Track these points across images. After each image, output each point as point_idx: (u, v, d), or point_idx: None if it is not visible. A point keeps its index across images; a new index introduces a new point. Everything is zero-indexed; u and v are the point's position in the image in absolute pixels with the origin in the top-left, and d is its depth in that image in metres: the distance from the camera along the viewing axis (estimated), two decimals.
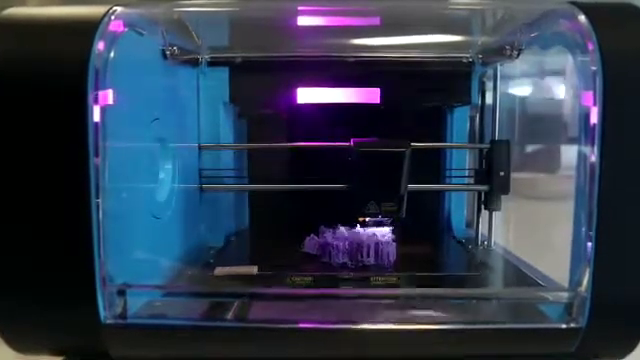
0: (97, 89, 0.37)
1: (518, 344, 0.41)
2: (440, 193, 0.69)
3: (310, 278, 0.50)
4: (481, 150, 0.63)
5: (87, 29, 0.38)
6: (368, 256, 0.57)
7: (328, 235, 0.59)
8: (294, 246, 0.60)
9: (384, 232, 0.59)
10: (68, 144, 0.37)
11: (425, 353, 0.41)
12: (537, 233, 0.59)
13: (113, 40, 0.39)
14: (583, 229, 0.39)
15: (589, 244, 0.39)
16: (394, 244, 0.58)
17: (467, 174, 0.66)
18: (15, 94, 0.38)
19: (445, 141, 0.68)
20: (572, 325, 0.40)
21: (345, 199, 0.57)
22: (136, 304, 0.41)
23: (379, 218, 0.57)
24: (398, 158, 0.55)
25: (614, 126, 0.38)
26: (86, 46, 0.38)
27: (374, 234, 0.59)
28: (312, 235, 0.61)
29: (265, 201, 0.68)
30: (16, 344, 0.41)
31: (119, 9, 0.41)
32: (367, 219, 0.59)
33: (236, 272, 0.52)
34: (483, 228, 0.64)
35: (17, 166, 0.38)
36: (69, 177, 0.37)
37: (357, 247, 0.57)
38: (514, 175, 0.59)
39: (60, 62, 0.38)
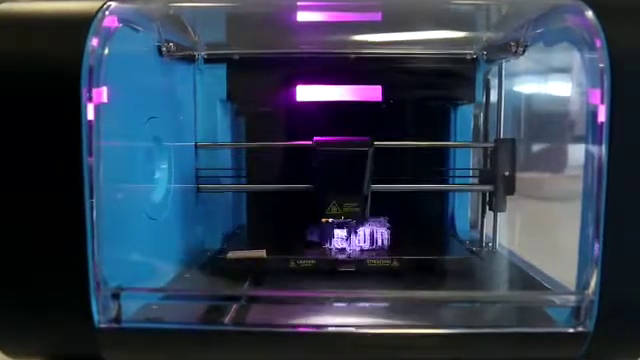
0: (91, 87, 0.37)
1: (524, 348, 0.41)
2: (443, 193, 0.69)
3: (313, 261, 0.55)
4: (485, 149, 0.62)
5: (80, 25, 0.38)
6: (364, 242, 0.59)
7: (328, 225, 0.60)
8: (294, 245, 0.60)
9: (381, 222, 0.61)
10: (61, 143, 0.37)
11: (428, 357, 0.41)
12: (543, 234, 0.58)
13: (107, 36, 0.39)
14: (590, 230, 0.38)
15: (597, 245, 0.38)
16: (388, 231, 0.60)
17: (471, 174, 0.65)
18: (6, 92, 0.37)
19: (448, 140, 0.67)
20: (580, 329, 0.39)
21: (310, 200, 0.58)
22: (131, 308, 0.41)
23: (342, 220, 0.58)
24: (360, 158, 0.55)
25: (622, 124, 0.37)
26: (79, 42, 0.37)
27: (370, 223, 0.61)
28: (314, 225, 0.62)
29: (264, 201, 0.67)
30: (8, 348, 0.41)
31: (113, 4, 0.40)
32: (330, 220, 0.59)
33: (247, 256, 0.55)
34: (488, 229, 0.64)
35: (8, 166, 0.37)
36: (62, 177, 0.37)
37: (355, 233, 0.59)
38: (519, 175, 0.59)
39: (53, 59, 0.37)
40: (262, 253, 0.55)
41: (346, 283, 0.53)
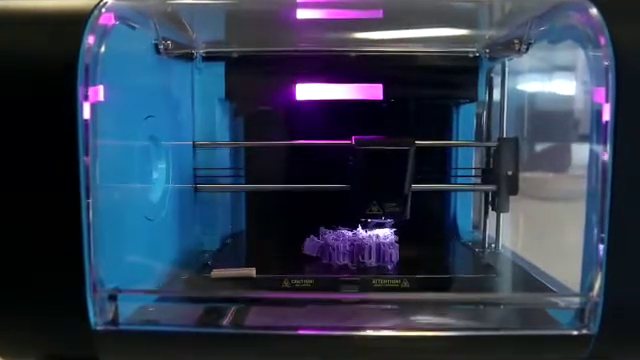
0: (87, 85, 0.37)
1: (527, 351, 0.40)
2: (445, 193, 0.68)
3: (311, 281, 0.50)
4: (488, 148, 0.62)
5: (76, 22, 0.38)
6: (370, 258, 0.56)
7: (328, 236, 0.58)
8: (293, 248, 0.59)
9: (386, 233, 0.59)
10: (57, 142, 0.37)
11: None
12: (547, 235, 0.58)
13: (104, 34, 0.39)
14: (595, 231, 0.38)
15: (601, 246, 0.38)
16: (396, 245, 0.57)
17: (474, 173, 0.65)
18: (1, 91, 0.37)
19: (451, 139, 0.67)
20: (584, 331, 0.39)
21: (347, 199, 0.57)
22: (128, 309, 0.41)
23: (382, 220, 0.57)
24: (402, 157, 0.54)
25: (627, 124, 0.37)
26: (75, 40, 0.37)
27: (376, 235, 0.58)
28: (312, 236, 0.60)
29: (263, 201, 0.67)
30: (4, 349, 0.41)
31: (110, 1, 0.40)
32: (369, 220, 0.58)
33: (234, 274, 0.51)
34: (490, 230, 0.63)
35: (3, 166, 0.37)
36: (58, 177, 0.37)
37: (358, 248, 0.56)
38: (522, 174, 0.58)
39: (49, 57, 0.37)
40: (251, 272, 0.50)
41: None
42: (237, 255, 0.64)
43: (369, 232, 0.58)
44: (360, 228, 0.59)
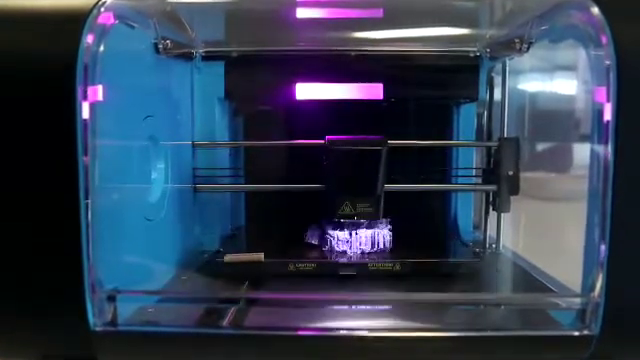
0: (86, 85, 0.37)
1: (528, 352, 0.40)
2: (446, 193, 0.68)
3: (313, 265, 0.54)
4: (489, 148, 0.61)
5: (75, 21, 0.38)
6: (366, 244, 0.58)
7: (328, 226, 0.59)
8: (293, 245, 0.60)
9: (382, 225, 0.60)
10: (56, 142, 0.36)
11: None
12: (548, 235, 0.57)
13: (103, 33, 0.39)
14: (596, 231, 0.38)
15: (602, 247, 0.37)
16: (390, 233, 0.59)
17: (474, 173, 0.64)
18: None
19: (451, 139, 0.66)
20: (585, 332, 0.39)
21: (321, 199, 0.57)
22: (127, 310, 0.41)
23: (355, 220, 0.57)
24: (375, 157, 0.55)
25: (628, 123, 0.37)
26: (74, 40, 0.37)
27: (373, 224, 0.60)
28: (314, 226, 0.61)
29: (262, 201, 0.67)
30: (2, 349, 0.41)
31: (109, 0, 0.40)
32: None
33: (244, 259, 0.54)
34: (491, 230, 0.63)
35: (2, 166, 0.37)
36: (57, 177, 0.37)
37: (356, 235, 0.58)
38: (523, 174, 0.58)
39: (47, 56, 0.37)
40: (260, 256, 0.54)
41: (347, 287, 0.52)
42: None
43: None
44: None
